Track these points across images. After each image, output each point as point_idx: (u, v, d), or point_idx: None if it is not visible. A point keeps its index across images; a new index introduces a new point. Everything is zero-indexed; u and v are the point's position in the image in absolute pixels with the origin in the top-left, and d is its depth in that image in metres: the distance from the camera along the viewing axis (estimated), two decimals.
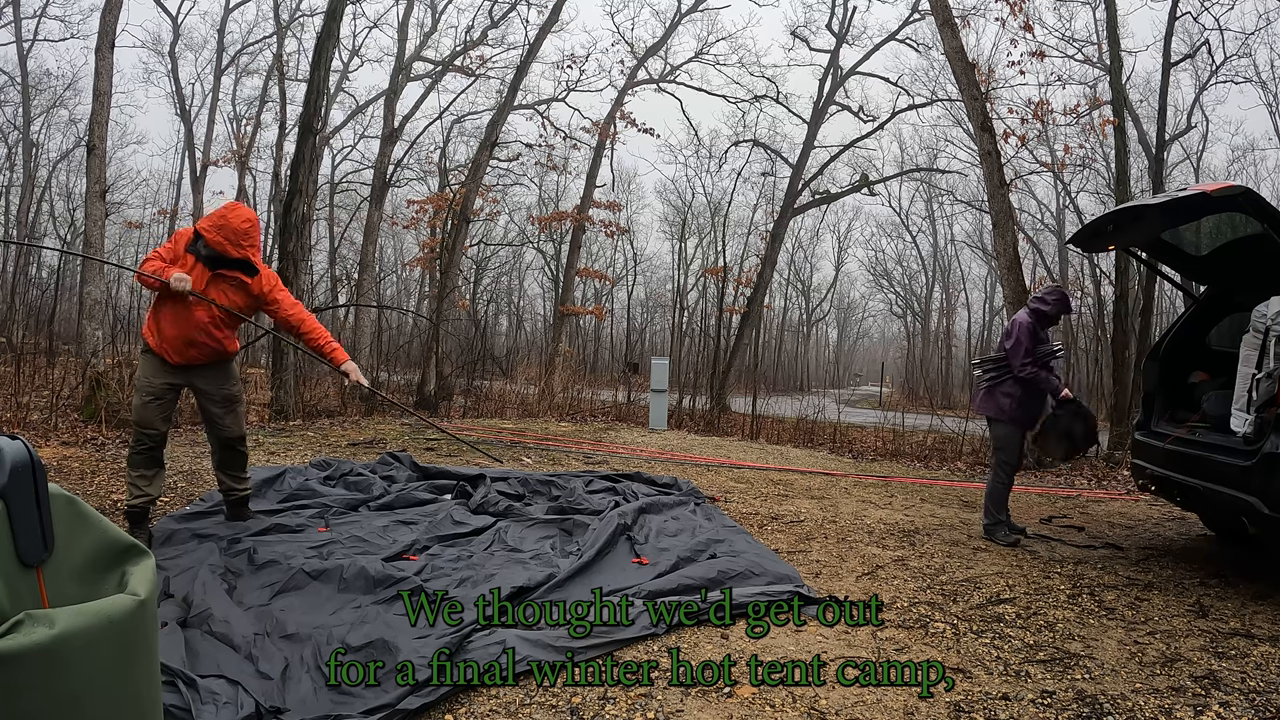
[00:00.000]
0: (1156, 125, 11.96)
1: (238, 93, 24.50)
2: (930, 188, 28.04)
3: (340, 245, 28.06)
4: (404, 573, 3.10)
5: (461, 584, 3.12)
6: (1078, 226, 8.19)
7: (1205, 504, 4.44)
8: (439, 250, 16.06)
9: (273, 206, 19.65)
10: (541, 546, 3.79)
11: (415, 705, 2.16)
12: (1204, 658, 2.82)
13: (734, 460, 7.69)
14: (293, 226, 8.91)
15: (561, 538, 3.96)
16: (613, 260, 35.25)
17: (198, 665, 2.33)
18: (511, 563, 3.49)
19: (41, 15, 23.28)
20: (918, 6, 18.13)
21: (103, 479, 4.90)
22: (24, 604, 1.05)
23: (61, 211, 27.04)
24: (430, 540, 3.78)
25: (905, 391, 31.35)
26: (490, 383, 15.72)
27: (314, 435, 7.44)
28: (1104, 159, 20.04)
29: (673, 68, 21.02)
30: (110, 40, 9.44)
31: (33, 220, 24.62)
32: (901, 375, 39.51)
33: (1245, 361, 3.78)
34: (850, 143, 20.87)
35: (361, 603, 2.89)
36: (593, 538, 3.73)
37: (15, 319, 14.43)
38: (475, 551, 3.66)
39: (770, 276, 20.54)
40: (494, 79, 20.16)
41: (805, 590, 3.27)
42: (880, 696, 2.41)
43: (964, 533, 4.84)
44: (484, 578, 3.19)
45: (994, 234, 10.01)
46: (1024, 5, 12.93)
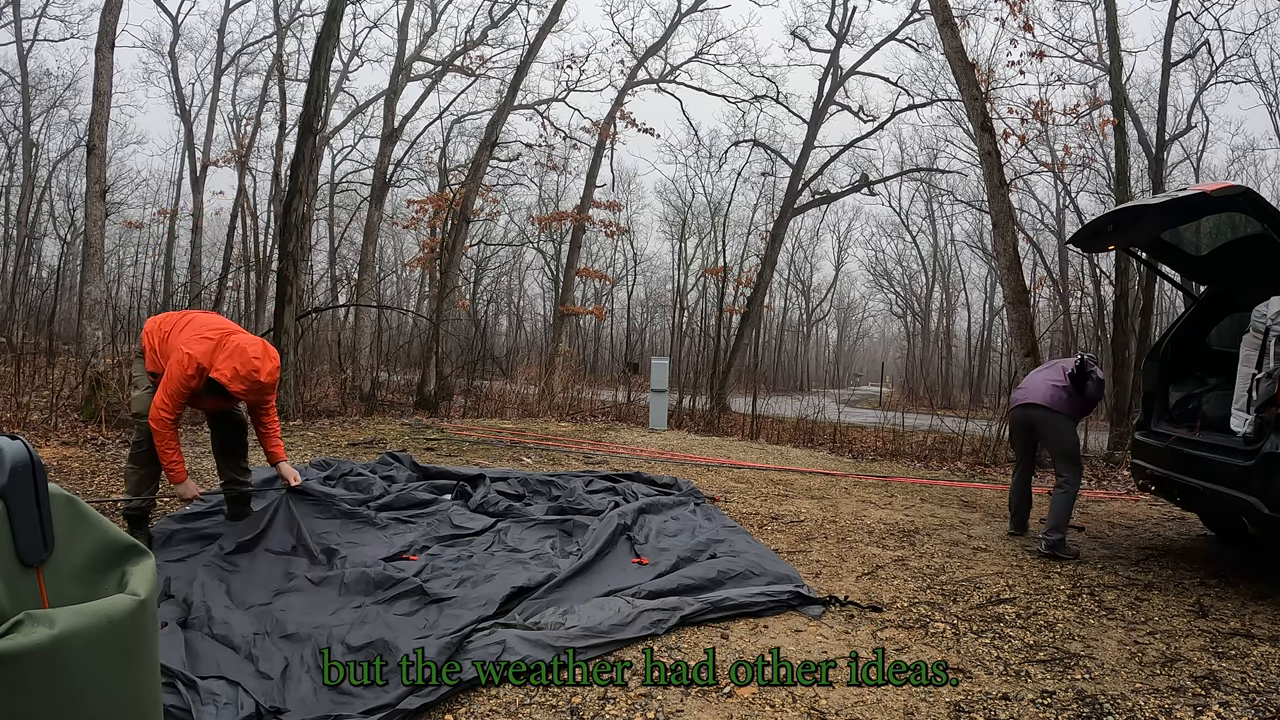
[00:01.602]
0: (1156, 125, 11.99)
1: (238, 93, 24.49)
2: (930, 188, 28.04)
3: (340, 245, 28.07)
4: (404, 573, 3.10)
5: (461, 584, 3.12)
6: (1078, 226, 8.19)
7: (1205, 504, 4.44)
8: (439, 250, 16.06)
9: (273, 206, 19.64)
10: (541, 547, 3.79)
11: (415, 705, 2.16)
12: (1204, 658, 2.82)
13: (734, 460, 7.68)
14: (293, 226, 8.91)
15: (561, 538, 3.96)
16: (613, 260, 35.28)
17: (197, 666, 2.33)
18: (512, 563, 3.49)
19: (41, 15, 23.28)
20: (918, 6, 18.13)
21: (103, 479, 4.90)
22: (24, 604, 1.05)
23: (61, 211, 27.09)
24: (430, 540, 3.78)
25: (905, 391, 31.37)
26: (490, 383, 15.73)
27: (314, 435, 7.44)
28: (1104, 159, 20.05)
29: (673, 68, 21.03)
30: (110, 40, 9.44)
31: (33, 220, 24.62)
32: (901, 375, 39.54)
33: (1245, 361, 3.78)
34: (850, 143, 20.89)
35: (361, 603, 2.89)
36: (593, 538, 3.73)
37: (15, 319, 14.44)
38: (475, 552, 3.66)
39: (770, 276, 20.54)
40: (494, 79, 20.18)
41: (805, 590, 3.27)
42: (880, 696, 2.41)
43: (964, 533, 4.84)
44: (484, 578, 3.19)
45: (994, 234, 10.02)
46: (1024, 5, 12.94)
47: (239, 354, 3.36)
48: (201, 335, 3.46)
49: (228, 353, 3.37)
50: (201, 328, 3.53)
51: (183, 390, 3.36)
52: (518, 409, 12.08)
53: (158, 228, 26.48)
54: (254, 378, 3.35)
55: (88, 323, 9.21)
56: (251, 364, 3.35)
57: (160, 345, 3.56)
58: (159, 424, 3.36)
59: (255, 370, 3.35)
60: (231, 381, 3.32)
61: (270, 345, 3.54)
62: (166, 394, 3.35)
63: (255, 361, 3.36)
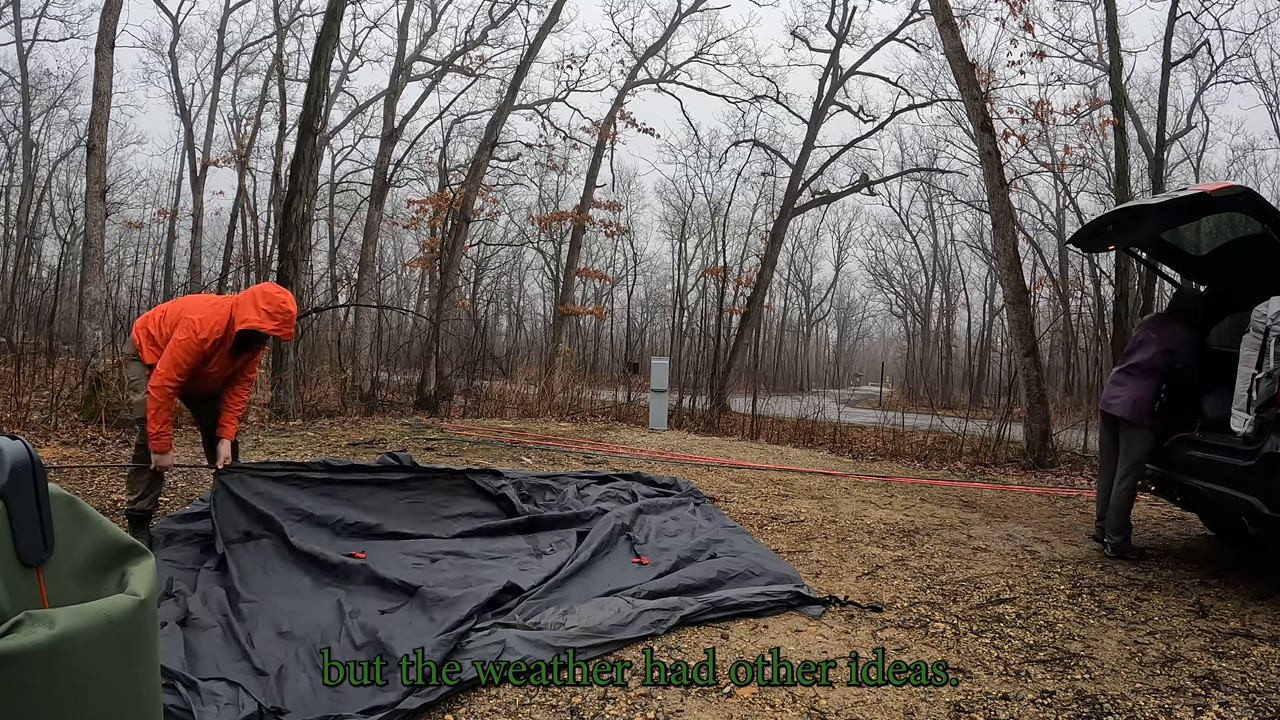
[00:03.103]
0: (1156, 125, 11.99)
1: (238, 93, 24.50)
2: (930, 188, 28.05)
3: (340, 245, 28.07)
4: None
5: (461, 583, 3.12)
6: (1078, 226, 8.20)
7: (1205, 504, 4.44)
8: (439, 250, 16.06)
9: (273, 206, 19.65)
10: (514, 544, 3.79)
11: (415, 705, 2.16)
12: (1204, 658, 2.82)
13: (734, 460, 7.68)
14: (293, 226, 8.92)
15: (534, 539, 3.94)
16: (613, 260, 35.28)
17: (197, 666, 2.33)
18: (510, 563, 3.49)
19: (41, 15, 23.29)
20: (918, 6, 18.13)
21: (103, 479, 4.90)
22: (24, 604, 1.04)
23: (61, 211, 27.08)
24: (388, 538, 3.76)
25: (905, 391, 31.37)
26: (490, 383, 15.73)
27: (314, 435, 7.44)
28: (1104, 159, 20.05)
29: (673, 68, 21.03)
30: (110, 40, 9.44)
31: (33, 220, 24.62)
32: (901, 375, 39.52)
33: (1245, 361, 3.78)
34: (850, 143, 20.89)
35: (383, 603, 2.89)
36: (591, 538, 3.72)
37: (15, 319, 14.44)
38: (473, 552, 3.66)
39: (770, 276, 20.54)
40: (494, 79, 20.18)
41: (805, 590, 3.27)
42: (880, 696, 2.41)
43: (964, 533, 4.84)
44: (480, 580, 3.19)
45: (994, 234, 10.02)
46: (1024, 5, 12.95)
47: (261, 296, 3.48)
48: (200, 306, 3.53)
49: (248, 302, 3.47)
50: (198, 302, 3.59)
51: (190, 354, 3.39)
52: (518, 409, 12.08)
53: (158, 228, 26.50)
54: (284, 307, 3.48)
55: (88, 323, 9.21)
56: (276, 299, 3.47)
57: (158, 331, 3.56)
58: (159, 392, 3.39)
59: (283, 302, 3.48)
60: (264, 321, 3.41)
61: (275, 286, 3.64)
62: (172, 361, 3.38)
63: (279, 296, 3.50)
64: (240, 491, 3.52)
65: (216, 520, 3.40)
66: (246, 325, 3.42)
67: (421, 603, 2.83)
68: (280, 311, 3.46)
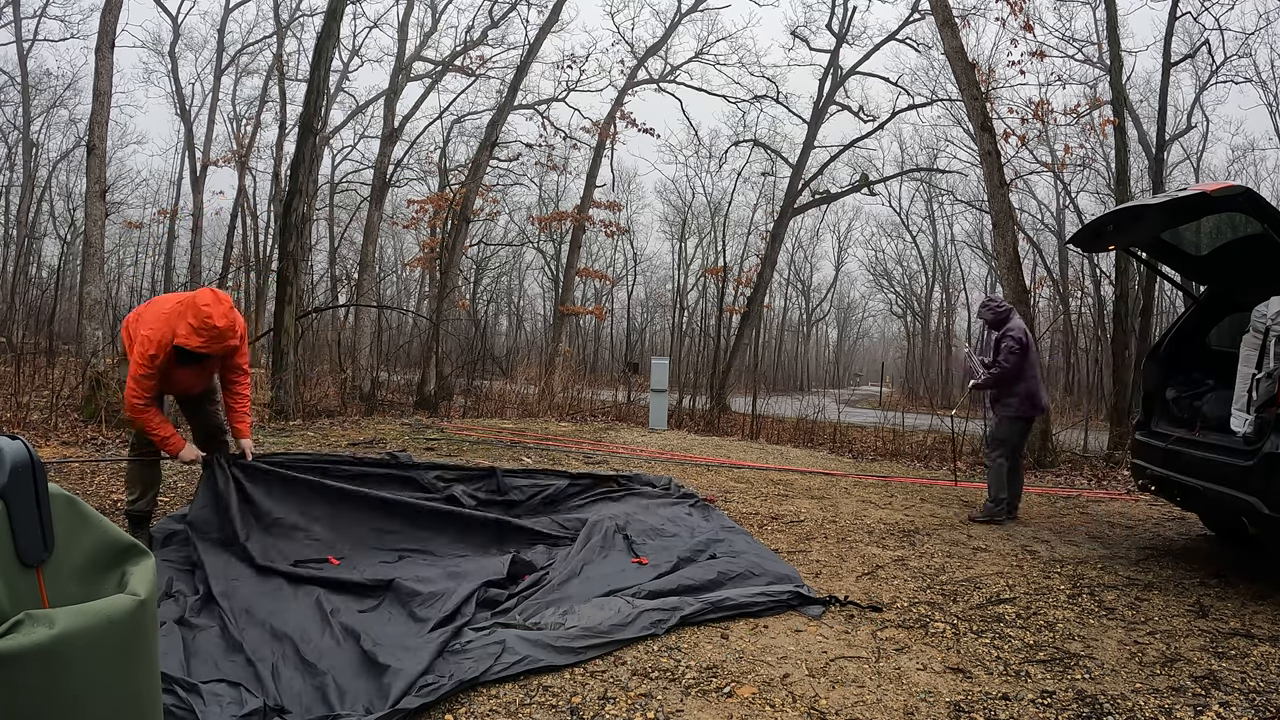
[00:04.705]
0: (1156, 125, 11.98)
1: (238, 93, 24.48)
2: (930, 188, 28.01)
3: (340, 245, 28.07)
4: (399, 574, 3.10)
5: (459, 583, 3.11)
6: (1078, 226, 8.19)
7: (1205, 504, 4.44)
8: (439, 250, 16.06)
9: (273, 206, 19.65)
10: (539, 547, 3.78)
11: (415, 705, 2.16)
12: (1204, 658, 2.82)
13: (734, 460, 7.68)
14: (293, 226, 8.91)
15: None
16: (613, 260, 35.25)
17: (197, 666, 2.33)
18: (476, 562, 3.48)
19: (41, 15, 23.26)
20: (918, 6, 18.11)
21: (103, 479, 4.90)
22: (24, 604, 1.04)
23: (61, 211, 27.08)
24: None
25: (905, 391, 31.34)
26: (490, 383, 15.73)
27: (314, 435, 7.44)
28: (1104, 159, 20.05)
29: (673, 68, 21.01)
30: (110, 40, 9.44)
31: (33, 220, 24.61)
32: (901, 375, 39.48)
33: (1245, 361, 3.78)
34: (850, 143, 20.87)
35: (361, 603, 2.89)
36: (588, 538, 3.72)
37: (15, 319, 14.44)
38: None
39: (770, 276, 20.53)
40: (494, 79, 20.16)
41: (805, 590, 3.27)
42: (880, 696, 2.41)
43: (964, 533, 4.84)
44: (456, 575, 3.19)
45: (994, 234, 10.01)
46: (1024, 5, 12.94)
47: (189, 310, 3.22)
48: (157, 317, 3.36)
49: (179, 315, 3.26)
50: (156, 311, 3.41)
51: (146, 372, 3.26)
52: (518, 409, 12.07)
53: (158, 228, 26.50)
54: (208, 323, 3.18)
55: (88, 323, 9.20)
56: (202, 313, 3.18)
57: (134, 335, 3.48)
58: (133, 411, 3.34)
59: (208, 317, 3.18)
60: (190, 338, 3.18)
61: (220, 291, 3.40)
62: (133, 380, 3.28)
63: (205, 309, 3.19)
64: (223, 487, 3.47)
65: (205, 516, 3.40)
66: (177, 341, 3.22)
67: (398, 597, 2.84)
68: (205, 328, 3.18)
